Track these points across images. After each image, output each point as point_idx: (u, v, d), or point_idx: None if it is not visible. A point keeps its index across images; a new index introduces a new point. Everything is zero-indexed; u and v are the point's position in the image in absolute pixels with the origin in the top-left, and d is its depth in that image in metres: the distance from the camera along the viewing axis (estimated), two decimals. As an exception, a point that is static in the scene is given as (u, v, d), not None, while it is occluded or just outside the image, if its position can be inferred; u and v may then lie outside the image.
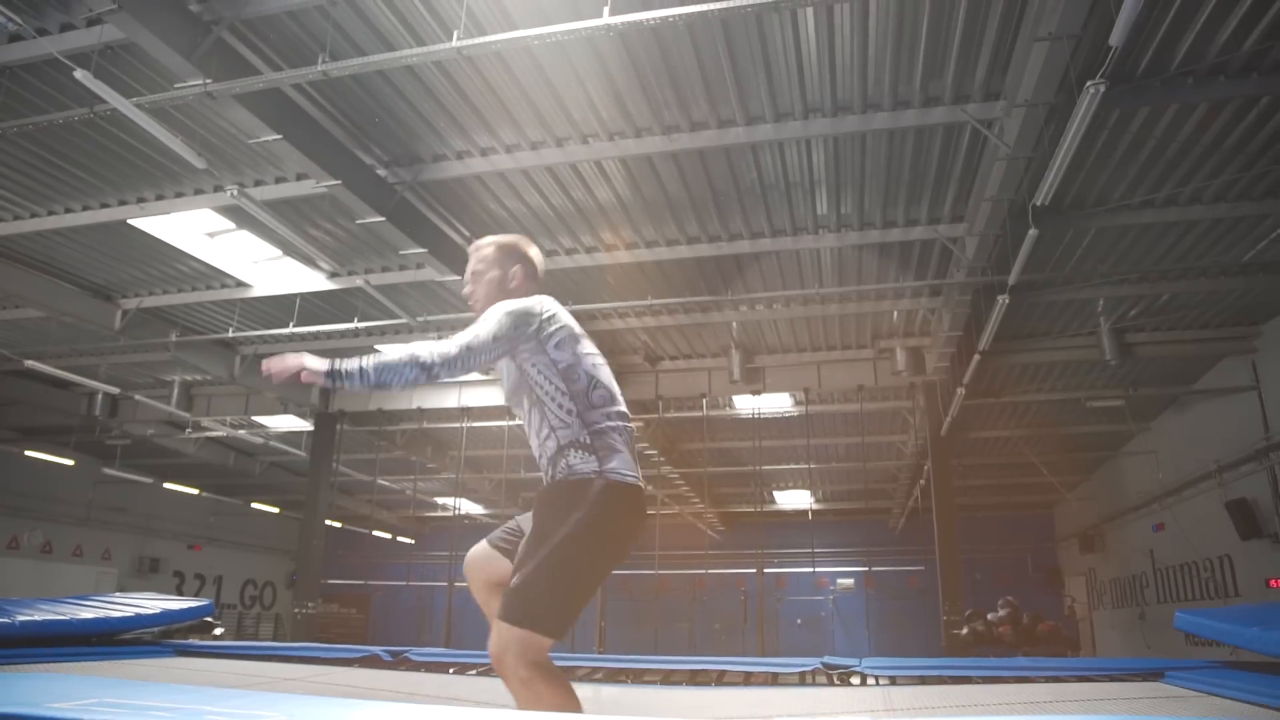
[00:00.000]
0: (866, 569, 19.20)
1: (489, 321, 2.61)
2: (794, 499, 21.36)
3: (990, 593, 16.38)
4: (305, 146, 6.85)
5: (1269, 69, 6.44)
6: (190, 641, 4.19)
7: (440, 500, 21.88)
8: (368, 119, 7.28)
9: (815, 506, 21.43)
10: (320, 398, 14.30)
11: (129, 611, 4.00)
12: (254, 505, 20.84)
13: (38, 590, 16.15)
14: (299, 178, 8.16)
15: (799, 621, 22.17)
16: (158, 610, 4.18)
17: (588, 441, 2.57)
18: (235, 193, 7.11)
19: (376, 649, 3.77)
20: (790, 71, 6.63)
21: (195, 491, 19.08)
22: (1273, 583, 11.65)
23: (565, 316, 2.74)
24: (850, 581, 21.94)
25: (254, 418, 15.46)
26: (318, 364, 2.47)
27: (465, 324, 2.70)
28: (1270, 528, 11.73)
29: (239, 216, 8.93)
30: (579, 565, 2.46)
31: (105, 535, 19.24)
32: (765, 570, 20.27)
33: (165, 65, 5.96)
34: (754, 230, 9.19)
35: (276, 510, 21.83)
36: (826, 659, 3.39)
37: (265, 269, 10.26)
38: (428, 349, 2.50)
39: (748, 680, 3.55)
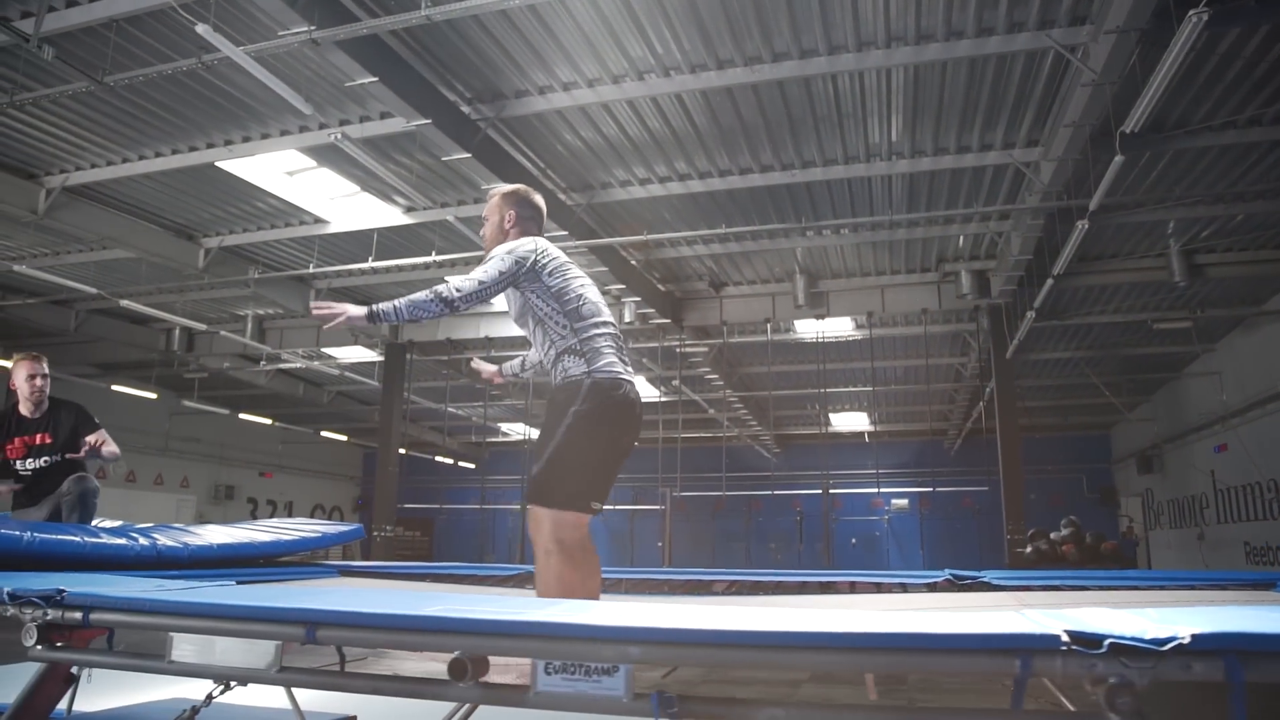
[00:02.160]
0: (929, 489, 19.38)
1: (495, 261, 3.24)
2: (849, 421, 21.59)
3: (1045, 512, 16.56)
4: (398, 88, 7.03)
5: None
6: (349, 563, 4.56)
7: (501, 426, 22.42)
8: (455, 58, 7.42)
9: (871, 429, 21.67)
10: (390, 330, 14.68)
11: (295, 535, 4.37)
12: (323, 433, 21.50)
13: (125, 516, 16.92)
14: (382, 116, 8.35)
15: (853, 541, 22.59)
16: (319, 534, 4.56)
17: (578, 348, 3.19)
18: (338, 136, 7.32)
19: (521, 568, 4.09)
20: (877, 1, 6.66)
21: (268, 421, 19.74)
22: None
23: (555, 251, 3.37)
24: (905, 502, 22.25)
25: (324, 350, 15.93)
26: (358, 310, 3.12)
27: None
28: (1339, 448, 11.75)
29: (320, 155, 9.18)
30: (581, 448, 3.04)
31: (182, 464, 20.05)
32: (813, 492, 20.70)
33: (269, 13, 6.15)
34: (827, 157, 9.26)
35: (344, 438, 22.52)
36: (950, 571, 3.63)
37: (342, 205, 10.54)
38: (448, 286, 3.13)
39: (879, 590, 3.82)
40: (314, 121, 8.51)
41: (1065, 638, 1.27)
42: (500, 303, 12.13)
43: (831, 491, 21.62)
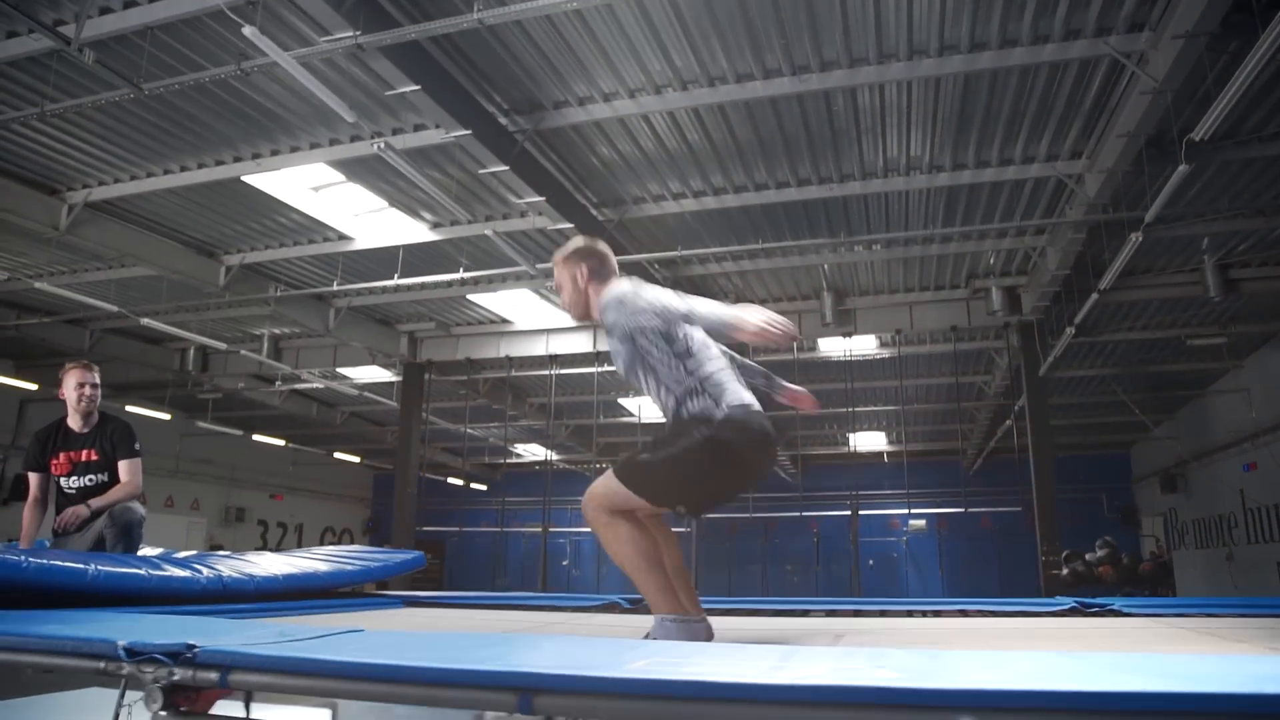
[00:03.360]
0: (960, 509, 19.14)
1: (628, 317, 2.99)
2: (868, 441, 21.37)
3: (1066, 533, 16.30)
4: (440, 97, 6.85)
5: None
6: (414, 594, 4.31)
7: (513, 447, 22.17)
8: (495, 67, 7.25)
9: (890, 448, 21.44)
10: (408, 348, 14.46)
11: (359, 565, 4.13)
12: (335, 455, 21.25)
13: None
14: (416, 129, 8.18)
15: (871, 563, 22.31)
16: (381, 563, 4.32)
17: (700, 388, 2.90)
18: (382, 146, 7.12)
19: (612, 597, 3.84)
20: (933, 6, 6.49)
21: (281, 443, 19.50)
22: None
23: (647, 289, 3.09)
24: (923, 523, 21.97)
25: (341, 370, 15.71)
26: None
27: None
28: (1377, 465, 11.54)
29: (349, 169, 9.01)
30: (693, 465, 2.80)
31: (193, 486, 19.78)
32: (836, 513, 20.40)
33: (314, 16, 5.98)
34: (867, 170, 9.09)
35: (357, 460, 22.26)
36: (1079, 599, 3.41)
37: (367, 221, 10.35)
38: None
39: (1005, 617, 3.59)
40: (345, 134, 8.33)
41: None
42: (521, 320, 11.97)
43: (845, 513, 21.36)
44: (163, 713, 1.60)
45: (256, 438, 18.61)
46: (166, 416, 16.04)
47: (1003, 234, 10.64)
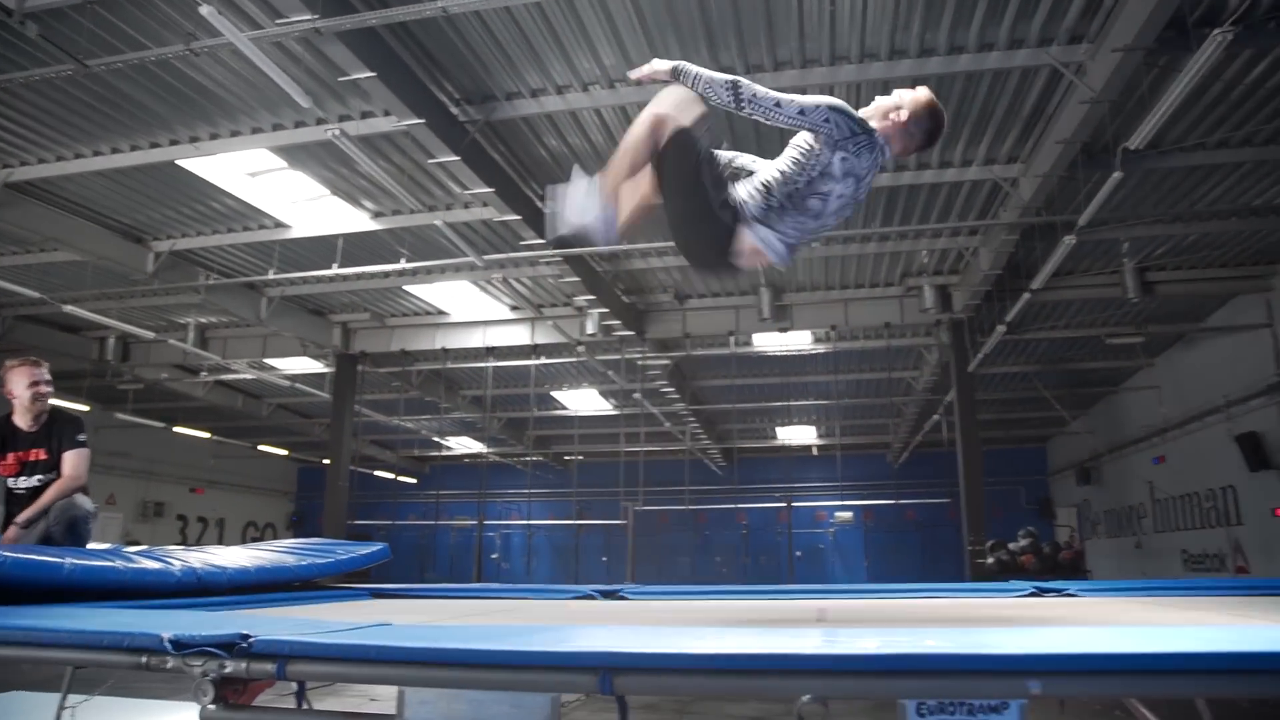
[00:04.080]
0: (891, 500, 19.57)
1: (814, 100, 2.80)
2: (797, 434, 21.72)
3: (986, 523, 16.87)
4: (394, 85, 6.77)
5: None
6: (380, 586, 4.27)
7: (444, 440, 21.95)
8: (450, 56, 7.19)
9: (820, 442, 21.84)
10: (342, 339, 14.20)
11: (329, 558, 4.07)
12: (261, 447, 20.75)
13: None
14: (364, 116, 8.05)
15: (798, 554, 22.70)
16: (350, 555, 4.27)
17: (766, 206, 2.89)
18: (337, 133, 6.99)
19: (587, 588, 3.87)
20: (885, 12, 6.65)
21: (204, 435, 18.94)
22: (1278, 511, 12.15)
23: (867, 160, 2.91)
24: (849, 515, 22.44)
25: (269, 360, 15.35)
26: (664, 65, 2.90)
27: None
28: (1278, 460, 12.20)
29: (291, 155, 8.83)
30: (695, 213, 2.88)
31: (110, 480, 19.07)
32: (764, 505, 20.75)
33: (269, 0, 5.86)
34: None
35: (284, 453, 21.77)
36: (1036, 584, 3.56)
37: (306, 209, 10.14)
38: (749, 83, 2.79)
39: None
40: (289, 119, 8.15)
41: None
42: (458, 312, 11.81)
43: (775, 505, 21.75)
44: (212, 706, 1.58)
45: (178, 430, 18.04)
46: (84, 408, 15.42)
47: (938, 234, 10.94)
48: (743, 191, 2.92)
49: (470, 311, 13.70)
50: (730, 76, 2.82)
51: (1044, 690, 1.20)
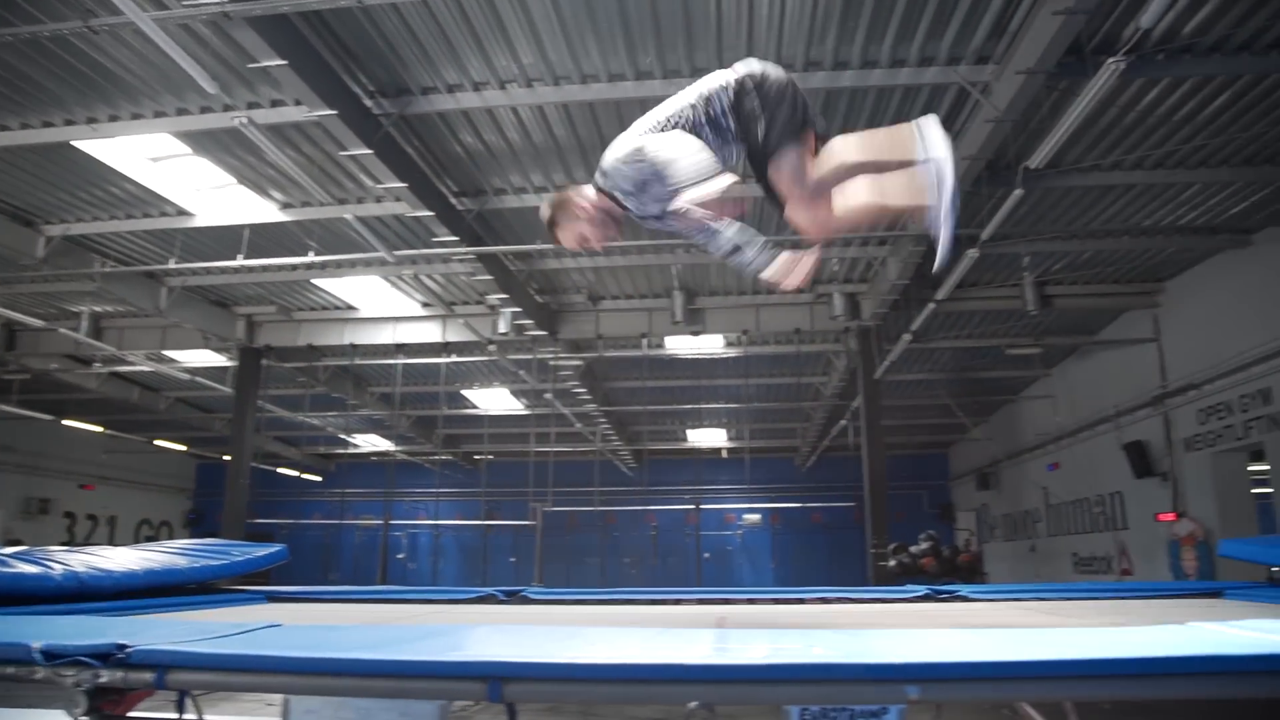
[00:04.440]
0: (799, 503, 19.91)
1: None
2: (707, 437, 21.91)
3: (889, 527, 17.33)
4: (306, 74, 6.60)
5: (1231, 49, 6.94)
6: (275, 589, 4.14)
7: (351, 437, 21.51)
8: (365, 47, 7.05)
9: (730, 445, 22.06)
10: (246, 331, 13.79)
11: (223, 560, 3.93)
12: (157, 442, 20.00)
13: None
14: (274, 104, 7.84)
15: (707, 555, 22.92)
16: (245, 557, 4.13)
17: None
18: (244, 120, 6.78)
19: (490, 589, 3.82)
20: (802, 25, 6.76)
21: (96, 429, 18.16)
22: (1160, 516, 12.75)
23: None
24: (757, 518, 22.75)
25: (168, 352, 14.82)
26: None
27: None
28: (1161, 467, 12.82)
29: (196, 141, 8.54)
30: None
31: (-13, 476, 18.19)
32: (674, 507, 20.87)
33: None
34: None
35: (182, 448, 21.02)
36: (930, 587, 3.66)
37: (211, 198, 9.81)
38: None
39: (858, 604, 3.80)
40: (195, 104, 7.88)
41: None
42: (368, 308, 11.61)
43: (683, 507, 21.93)
44: (85, 718, 1.52)
45: (67, 423, 17.26)
46: (-36, 399, 14.69)
47: (848, 243, 11.16)
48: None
49: (380, 307, 13.46)
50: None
51: (922, 695, 1.24)
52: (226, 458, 14.84)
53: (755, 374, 16.64)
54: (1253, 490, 11.92)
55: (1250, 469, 11.86)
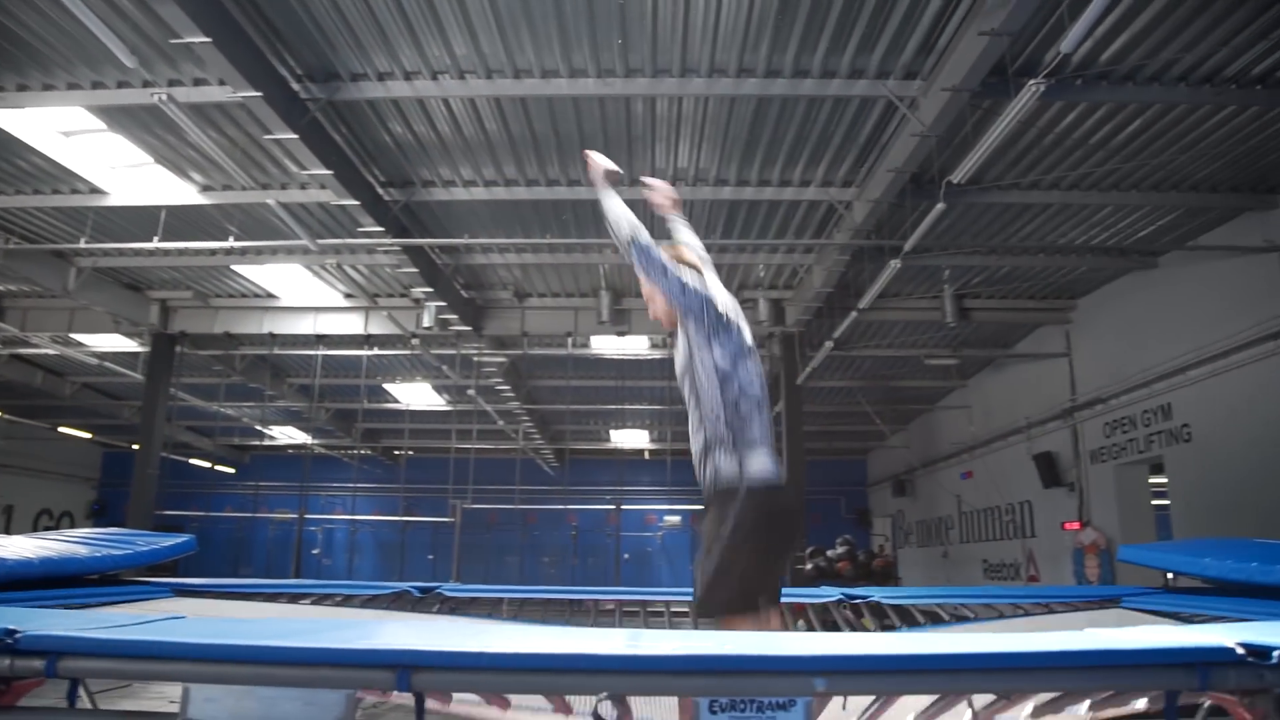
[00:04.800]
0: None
1: (685, 273, 3.05)
2: (630, 438, 21.96)
3: (806, 530, 17.62)
4: (231, 54, 6.42)
5: (1143, 79, 7.24)
6: (182, 581, 4.00)
7: (267, 429, 20.99)
8: (294, 29, 6.89)
9: (652, 446, 22.14)
10: (159, 317, 13.34)
11: (127, 550, 3.77)
12: (62, 429, 19.22)
13: None
14: (197, 83, 7.61)
15: (626, 556, 22.97)
16: (151, 547, 3.96)
17: (729, 440, 2.89)
18: (164, 97, 6.56)
19: (405, 585, 3.75)
20: (737, 31, 6.83)
21: (-3, 413, 17.41)
22: (1066, 525, 13.21)
23: (738, 322, 3.09)
24: (678, 519, 22.89)
25: (76, 335, 14.27)
26: (606, 185, 3.17)
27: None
28: (1068, 478, 13.29)
29: (112, 117, 8.24)
30: (740, 563, 2.77)
31: None
32: (594, 507, 20.87)
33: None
34: (656, 177, 9.35)
35: (87, 436, 20.24)
36: (843, 591, 3.72)
37: (126, 176, 9.47)
38: (645, 234, 3.00)
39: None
40: (112, 78, 7.60)
41: (1241, 650, 1.31)
42: (288, 296, 11.39)
43: (604, 507, 21.95)
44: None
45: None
46: None
47: (775, 250, 11.31)
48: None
49: (301, 296, 13.16)
50: (629, 225, 3.00)
51: (828, 687, 1.26)
52: (135, 447, 14.33)
53: (672, 376, 16.69)
54: (1152, 501, 12.43)
55: (1151, 481, 12.37)
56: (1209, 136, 8.12)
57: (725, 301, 3.10)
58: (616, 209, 3.05)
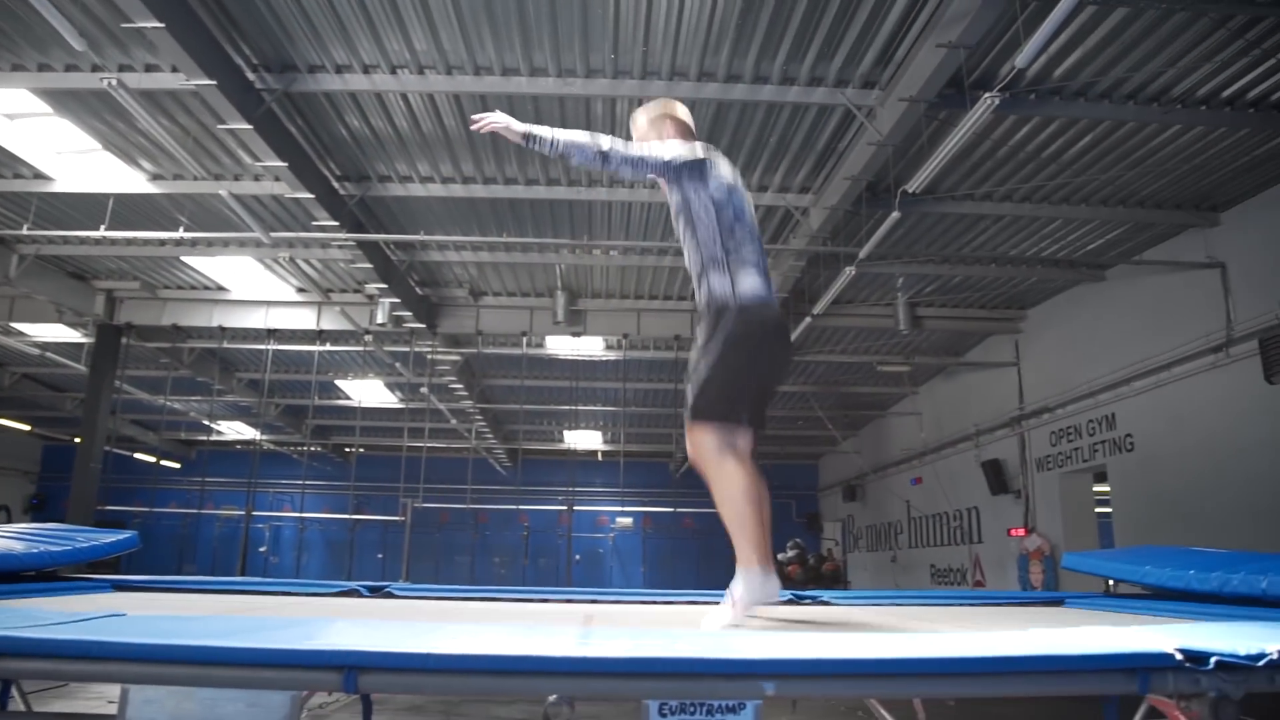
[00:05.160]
0: (670, 507, 20.14)
1: (666, 148, 3.16)
2: (583, 439, 21.93)
3: (760, 534, 17.70)
4: (185, 40, 6.30)
5: (1094, 96, 7.40)
6: (123, 578, 3.90)
7: (215, 424, 20.62)
8: (250, 18, 6.78)
9: (605, 447, 22.12)
10: (105, 307, 13.04)
11: (66, 545, 3.66)
12: (-1, 421, 18.74)
13: None
14: (148, 69, 7.45)
15: (578, 558, 22.94)
16: (91, 543, 3.86)
17: (724, 261, 3.09)
18: (113, 83, 6.40)
19: (354, 584, 3.70)
20: (698, 35, 6.85)
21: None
22: (1012, 531, 13.45)
23: (724, 168, 3.23)
24: (629, 520, 22.91)
25: (16, 324, 13.91)
26: (517, 125, 3.12)
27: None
28: (1015, 485, 13.52)
29: (59, 101, 8.04)
30: (726, 371, 3.01)
31: None
32: (546, 508, 20.81)
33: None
34: (612, 179, 9.38)
35: (26, 428, 19.71)
36: (795, 592, 3.74)
37: (71, 162, 9.24)
38: (611, 141, 3.07)
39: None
40: (60, 61, 7.42)
41: (1179, 655, 1.34)
42: (239, 289, 11.22)
43: (555, 508, 21.90)
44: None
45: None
46: None
47: (732, 254, 11.34)
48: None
49: (252, 290, 12.95)
50: (589, 136, 3.08)
51: (778, 691, 1.27)
52: (77, 440, 13.98)
53: (633, 378, 16.74)
54: (1095, 509, 12.70)
55: (1094, 489, 12.64)
56: (1156, 154, 8.33)
57: (702, 149, 3.25)
58: (565, 138, 3.10)
